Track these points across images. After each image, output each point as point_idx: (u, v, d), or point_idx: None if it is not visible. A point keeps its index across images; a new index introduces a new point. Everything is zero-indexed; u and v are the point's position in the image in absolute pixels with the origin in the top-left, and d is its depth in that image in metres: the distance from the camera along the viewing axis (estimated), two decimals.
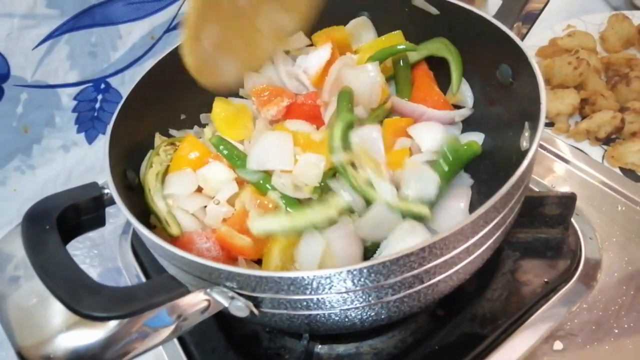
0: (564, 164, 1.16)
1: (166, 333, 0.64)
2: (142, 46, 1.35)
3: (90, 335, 0.60)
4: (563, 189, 1.09)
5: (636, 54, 1.44)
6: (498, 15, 0.99)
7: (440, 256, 0.66)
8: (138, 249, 1.13)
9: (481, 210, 0.66)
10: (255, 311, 0.67)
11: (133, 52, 1.34)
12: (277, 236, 0.83)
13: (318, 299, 0.66)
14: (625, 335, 0.87)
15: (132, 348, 0.62)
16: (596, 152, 1.23)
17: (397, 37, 1.06)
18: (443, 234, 0.63)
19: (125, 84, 1.36)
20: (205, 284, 0.67)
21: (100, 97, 1.36)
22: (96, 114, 1.37)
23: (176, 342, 0.94)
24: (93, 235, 1.20)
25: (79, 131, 1.37)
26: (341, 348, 0.91)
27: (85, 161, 1.38)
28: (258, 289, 0.65)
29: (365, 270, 0.62)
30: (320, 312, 0.68)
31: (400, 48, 1.03)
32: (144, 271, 1.09)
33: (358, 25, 1.11)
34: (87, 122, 1.37)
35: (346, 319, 0.70)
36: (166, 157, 0.96)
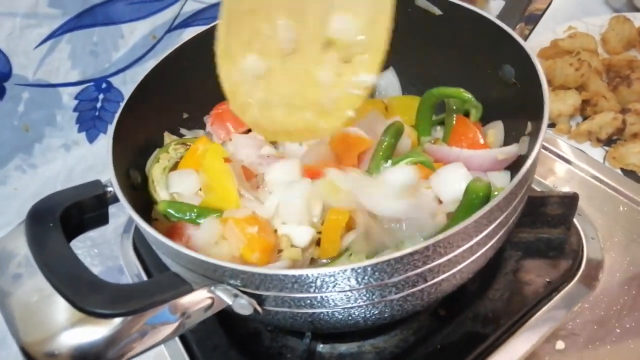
0: (566, 165, 1.16)
1: (169, 330, 0.64)
2: (144, 46, 1.35)
3: (93, 332, 0.60)
4: (565, 190, 1.09)
5: (637, 56, 1.44)
6: (501, 15, 0.99)
7: (444, 255, 0.66)
8: (140, 248, 1.12)
9: (485, 209, 0.66)
10: (258, 309, 0.67)
11: (134, 52, 1.35)
12: None
13: (322, 297, 0.66)
14: (627, 335, 0.87)
15: (135, 345, 0.62)
16: (597, 153, 1.23)
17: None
18: (447, 233, 0.64)
19: (126, 84, 1.36)
20: (208, 282, 0.67)
21: (101, 97, 1.36)
22: (97, 114, 1.38)
23: (178, 340, 0.94)
24: (94, 234, 1.19)
25: (80, 130, 1.37)
26: (343, 347, 0.90)
27: (86, 160, 1.38)
28: (262, 287, 0.65)
29: (369, 268, 0.62)
30: (323, 311, 0.68)
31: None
32: (146, 270, 1.09)
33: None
34: (88, 122, 1.37)
35: (349, 318, 0.70)
36: (175, 155, 0.96)
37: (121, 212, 0.89)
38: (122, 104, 0.89)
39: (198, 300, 0.64)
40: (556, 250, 0.99)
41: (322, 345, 0.91)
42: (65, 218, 0.72)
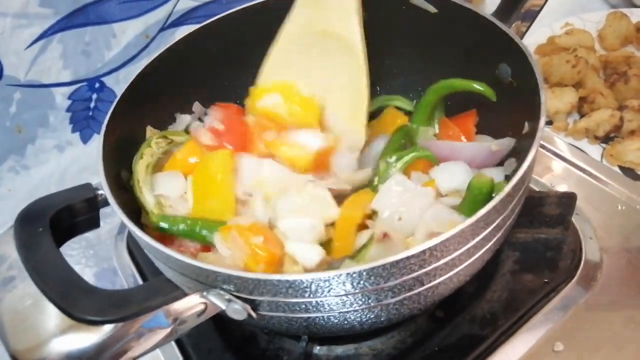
0: (563, 163, 1.15)
1: (162, 336, 0.63)
2: (137, 45, 1.34)
3: (84, 339, 0.60)
4: (562, 188, 1.08)
5: (634, 52, 1.44)
6: (497, 13, 0.98)
7: (440, 258, 0.65)
8: (134, 250, 1.12)
9: (482, 212, 0.65)
10: (252, 314, 0.66)
11: (127, 51, 1.34)
12: None
13: (317, 302, 0.65)
14: (626, 335, 0.87)
15: (128, 352, 0.62)
16: (595, 151, 1.23)
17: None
18: (443, 236, 0.63)
19: (119, 83, 1.35)
20: (201, 287, 0.66)
21: (94, 97, 1.35)
22: (91, 114, 1.37)
23: (173, 344, 0.93)
24: (89, 235, 1.19)
25: (74, 131, 1.36)
26: (340, 349, 0.90)
27: (79, 161, 1.37)
28: (255, 292, 0.64)
29: (364, 272, 0.61)
30: (319, 315, 0.67)
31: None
32: (140, 272, 1.08)
33: None
34: (82, 122, 1.36)
35: (345, 322, 0.69)
36: (157, 150, 0.95)
37: (115, 213, 0.87)
38: (113, 104, 0.88)
39: (191, 305, 0.64)
40: (554, 250, 0.98)
41: (319, 347, 0.90)
42: (55, 222, 0.71)
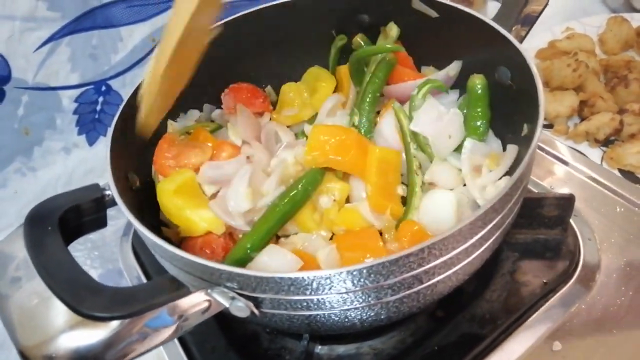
0: (563, 166, 1.16)
1: (167, 333, 0.64)
2: (143, 49, 1.36)
3: (92, 335, 0.61)
4: (562, 191, 1.09)
5: (635, 56, 1.44)
6: (497, 18, 1.00)
7: (439, 257, 0.66)
8: (139, 251, 1.13)
9: (480, 211, 0.66)
10: (255, 311, 0.68)
11: (134, 55, 1.35)
12: None
13: (318, 300, 0.66)
14: (623, 336, 0.88)
15: (134, 348, 0.62)
16: (595, 154, 1.23)
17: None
18: (442, 235, 0.64)
19: (125, 86, 1.37)
20: (206, 285, 0.67)
21: (101, 100, 1.37)
22: (97, 116, 1.38)
23: (177, 342, 0.94)
24: (94, 236, 1.20)
25: (80, 133, 1.37)
26: (341, 349, 0.91)
27: (86, 163, 1.38)
28: (258, 290, 0.66)
29: (364, 270, 0.63)
30: (320, 313, 0.69)
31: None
32: (145, 273, 1.09)
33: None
34: (88, 124, 1.38)
35: (346, 319, 0.70)
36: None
37: (121, 215, 0.88)
38: (120, 107, 0.90)
39: (195, 302, 0.65)
40: (553, 251, 0.99)
41: (321, 346, 0.91)
42: (63, 221, 0.73)
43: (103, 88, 1.35)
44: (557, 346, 0.87)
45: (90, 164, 1.38)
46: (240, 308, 0.67)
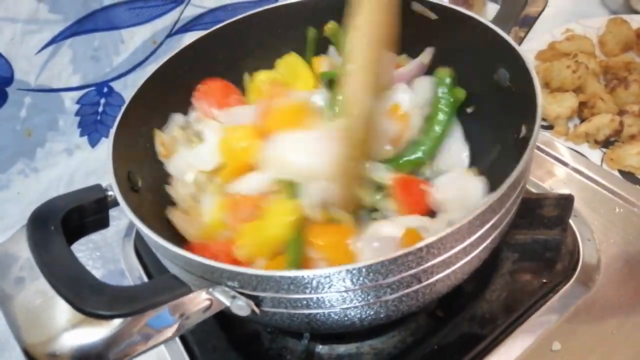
0: (564, 167, 1.16)
1: (169, 332, 0.65)
2: (144, 50, 1.37)
3: (94, 333, 0.61)
4: (562, 192, 1.09)
5: (635, 58, 1.45)
6: (496, 19, 1.00)
7: (437, 256, 0.67)
8: (141, 251, 1.14)
9: (477, 210, 0.66)
10: (256, 310, 0.68)
11: (135, 57, 1.36)
12: None
13: (318, 298, 0.67)
14: (622, 336, 0.88)
15: (136, 346, 0.63)
16: (595, 155, 1.24)
17: None
18: (440, 234, 0.64)
19: (127, 88, 1.38)
20: (207, 284, 0.67)
21: (103, 101, 1.37)
22: (99, 118, 1.39)
23: (178, 341, 0.95)
24: (96, 237, 1.21)
25: (82, 134, 1.38)
26: (342, 348, 0.91)
27: (88, 164, 1.39)
28: (259, 288, 0.66)
29: (364, 269, 0.63)
30: (320, 311, 0.69)
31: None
32: (147, 273, 1.10)
33: None
34: (90, 126, 1.38)
35: (346, 318, 0.71)
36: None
37: (122, 215, 0.89)
38: (122, 108, 0.90)
39: (197, 301, 0.65)
40: (552, 251, 0.99)
41: (321, 346, 0.92)
42: (66, 222, 0.73)
43: (105, 90, 1.36)
44: (557, 346, 0.88)
45: (92, 165, 1.39)
46: (241, 307, 0.67)
